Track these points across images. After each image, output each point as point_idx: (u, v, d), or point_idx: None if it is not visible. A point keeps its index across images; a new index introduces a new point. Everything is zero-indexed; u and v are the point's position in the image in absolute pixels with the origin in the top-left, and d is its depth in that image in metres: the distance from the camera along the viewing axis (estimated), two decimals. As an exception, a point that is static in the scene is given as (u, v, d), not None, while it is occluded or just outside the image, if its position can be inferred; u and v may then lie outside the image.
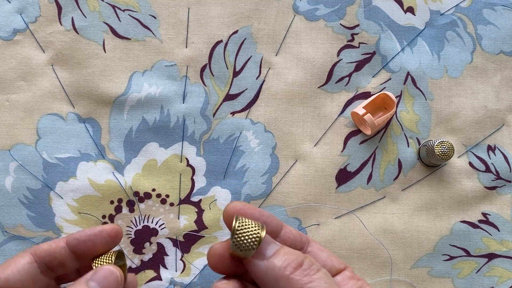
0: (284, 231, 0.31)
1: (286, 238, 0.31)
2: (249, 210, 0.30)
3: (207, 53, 0.47)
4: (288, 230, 0.31)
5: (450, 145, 0.43)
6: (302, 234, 0.32)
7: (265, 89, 0.47)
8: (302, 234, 0.32)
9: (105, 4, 0.47)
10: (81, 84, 0.46)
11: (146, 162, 0.46)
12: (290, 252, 0.28)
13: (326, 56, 0.47)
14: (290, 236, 0.31)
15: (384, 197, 0.46)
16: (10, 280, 0.29)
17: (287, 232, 0.31)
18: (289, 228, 0.31)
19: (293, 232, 0.31)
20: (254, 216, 0.29)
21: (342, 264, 0.31)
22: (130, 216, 0.45)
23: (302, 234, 0.32)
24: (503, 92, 0.47)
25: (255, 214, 0.30)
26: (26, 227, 0.45)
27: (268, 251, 0.28)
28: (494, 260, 0.46)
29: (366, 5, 0.48)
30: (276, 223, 0.31)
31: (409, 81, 0.47)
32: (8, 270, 0.29)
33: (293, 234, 0.31)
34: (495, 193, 0.46)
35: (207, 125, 0.46)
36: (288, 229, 0.31)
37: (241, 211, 0.29)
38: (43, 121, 0.45)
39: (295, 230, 0.32)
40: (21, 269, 0.30)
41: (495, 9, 0.48)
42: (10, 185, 0.45)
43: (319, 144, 0.46)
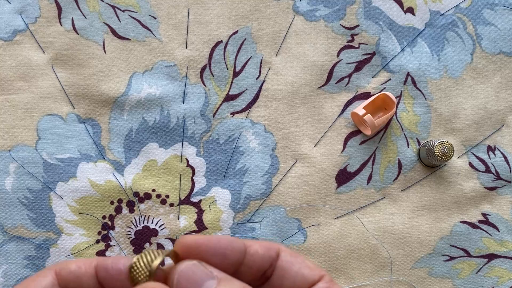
0: (248, 256, 0.27)
1: (251, 263, 0.26)
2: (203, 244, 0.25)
3: (207, 54, 0.47)
4: (252, 252, 0.27)
5: (450, 146, 0.43)
6: (269, 247, 0.27)
7: (265, 90, 0.47)
8: (270, 247, 0.27)
9: (105, 5, 0.47)
10: (81, 85, 0.46)
11: (146, 163, 0.46)
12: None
13: (326, 56, 0.47)
14: (255, 259, 0.27)
15: (384, 198, 0.46)
16: None
17: (251, 255, 0.27)
18: (254, 248, 0.27)
19: (258, 252, 0.27)
20: (210, 249, 0.25)
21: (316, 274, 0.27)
22: (130, 216, 0.45)
23: (269, 247, 0.27)
24: (503, 92, 0.47)
25: (211, 246, 0.25)
26: (26, 228, 0.45)
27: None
28: (494, 260, 0.46)
29: (366, 6, 0.48)
30: (238, 251, 0.26)
31: (409, 81, 0.47)
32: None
33: (259, 255, 0.27)
34: (495, 193, 0.46)
35: (207, 126, 0.46)
36: (252, 250, 0.27)
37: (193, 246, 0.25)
38: (43, 122, 0.45)
39: (261, 247, 0.27)
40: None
41: (495, 10, 0.48)
42: (10, 185, 0.45)
43: (319, 144, 0.46)
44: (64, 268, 0.26)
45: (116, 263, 0.25)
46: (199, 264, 0.24)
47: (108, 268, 0.25)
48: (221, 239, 0.26)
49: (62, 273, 0.26)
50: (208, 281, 0.23)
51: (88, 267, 0.26)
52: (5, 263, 0.44)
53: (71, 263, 0.26)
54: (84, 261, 0.26)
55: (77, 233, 0.45)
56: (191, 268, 0.24)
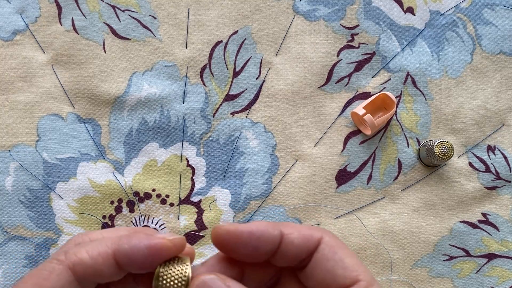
0: (283, 245, 0.25)
1: (286, 252, 0.26)
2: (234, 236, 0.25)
3: (207, 54, 0.47)
4: (288, 242, 0.26)
5: (450, 145, 0.43)
6: (309, 237, 0.26)
7: (265, 89, 0.47)
8: (310, 237, 0.26)
9: (105, 5, 0.47)
10: (81, 85, 0.46)
11: (146, 162, 0.46)
12: None
13: (326, 56, 0.47)
14: (290, 249, 0.26)
15: (384, 197, 0.46)
16: None
17: (286, 245, 0.25)
18: (290, 238, 0.26)
19: (294, 242, 0.25)
20: (241, 242, 0.25)
21: (351, 277, 0.24)
22: (130, 216, 0.45)
23: (309, 237, 0.26)
24: (503, 92, 0.47)
25: (244, 236, 0.25)
26: (27, 227, 0.45)
27: None
28: (494, 260, 0.46)
29: (366, 6, 0.48)
30: (270, 243, 0.25)
31: (409, 81, 0.47)
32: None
33: (294, 245, 0.25)
34: (495, 193, 0.46)
35: (207, 125, 0.46)
36: (288, 240, 0.26)
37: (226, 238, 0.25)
38: (43, 122, 0.45)
39: (299, 236, 0.26)
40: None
41: (495, 10, 0.48)
42: (10, 185, 0.45)
43: (319, 144, 0.46)
44: (78, 263, 0.24)
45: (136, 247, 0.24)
46: (217, 278, 0.24)
47: (130, 255, 0.24)
48: (254, 231, 0.25)
49: (77, 268, 0.24)
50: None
51: (105, 256, 0.24)
52: (5, 263, 0.44)
53: (82, 254, 0.24)
54: (98, 249, 0.24)
55: (77, 233, 0.45)
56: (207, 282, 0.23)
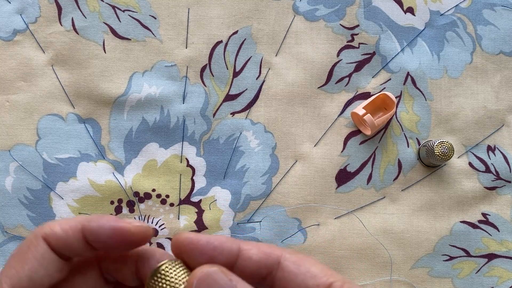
0: (241, 260, 0.25)
1: (243, 268, 0.25)
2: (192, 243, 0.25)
3: (207, 54, 0.47)
4: (246, 257, 0.25)
5: (450, 146, 0.43)
6: (269, 254, 0.25)
7: (265, 90, 0.47)
8: (270, 254, 0.25)
9: (105, 5, 0.47)
10: (81, 85, 0.46)
11: (146, 163, 0.46)
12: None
13: (326, 56, 0.47)
14: (248, 264, 0.25)
15: (384, 198, 0.46)
16: (33, 277, 0.24)
17: (244, 260, 0.25)
18: (249, 253, 0.25)
19: (253, 258, 0.25)
20: (197, 249, 0.25)
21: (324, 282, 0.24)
22: (130, 216, 0.45)
23: (269, 254, 0.25)
24: (502, 92, 0.47)
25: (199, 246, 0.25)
26: (26, 228, 0.45)
27: None
28: (494, 260, 0.46)
29: (366, 6, 0.48)
30: (227, 254, 0.25)
31: (409, 81, 0.47)
32: (27, 265, 0.24)
33: (253, 261, 0.25)
34: (495, 193, 0.46)
35: (207, 126, 0.46)
36: (245, 255, 0.25)
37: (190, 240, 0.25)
38: (43, 122, 0.45)
39: (258, 252, 0.25)
40: (42, 261, 0.24)
41: (495, 10, 0.48)
42: (10, 185, 0.45)
43: (319, 144, 0.46)
44: (50, 234, 0.25)
45: (102, 227, 0.25)
46: (219, 271, 0.24)
47: (96, 233, 0.25)
48: (212, 240, 0.25)
49: (50, 239, 0.25)
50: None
51: (75, 230, 0.25)
52: (5, 263, 0.44)
53: (55, 227, 0.25)
54: (69, 223, 0.25)
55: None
56: (211, 274, 0.23)
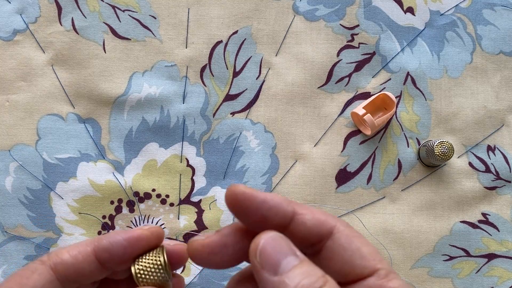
0: (294, 224, 0.25)
1: (295, 232, 0.25)
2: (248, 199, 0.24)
3: (207, 54, 0.47)
4: (300, 221, 0.25)
5: (450, 146, 0.43)
6: (323, 222, 0.25)
7: (265, 89, 0.47)
8: (323, 223, 0.25)
9: (105, 5, 0.47)
10: (81, 85, 0.46)
11: (146, 162, 0.46)
12: (308, 273, 0.22)
13: (326, 56, 0.47)
14: (301, 230, 0.25)
15: (384, 197, 0.46)
16: None
17: (297, 225, 0.25)
18: (304, 218, 0.25)
19: (306, 224, 0.25)
20: (254, 204, 0.24)
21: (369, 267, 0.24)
22: (130, 216, 0.45)
23: (323, 222, 0.25)
24: (502, 92, 0.47)
25: (256, 201, 0.24)
26: (26, 228, 0.45)
27: (283, 266, 0.22)
28: (494, 260, 0.46)
29: (366, 6, 0.48)
30: (281, 217, 0.24)
31: (409, 81, 0.47)
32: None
33: (306, 227, 0.25)
34: (495, 193, 0.46)
35: (207, 125, 0.46)
36: (301, 220, 0.25)
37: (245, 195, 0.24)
38: (43, 122, 0.45)
39: (312, 219, 0.25)
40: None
41: (495, 10, 0.48)
42: (10, 185, 0.45)
43: (319, 144, 0.46)
44: (59, 263, 0.24)
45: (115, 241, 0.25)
46: (285, 238, 0.24)
47: (109, 249, 0.25)
48: (268, 200, 0.24)
49: (59, 268, 0.24)
50: (291, 256, 0.23)
51: (85, 254, 0.25)
52: (5, 263, 0.44)
53: (63, 254, 0.25)
54: (78, 249, 0.25)
55: (77, 232, 0.45)
56: (277, 239, 0.23)
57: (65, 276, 0.24)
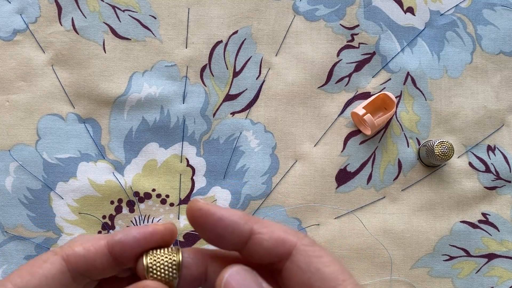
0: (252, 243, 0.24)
1: (253, 252, 0.24)
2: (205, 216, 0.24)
3: (207, 54, 0.47)
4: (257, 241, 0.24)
5: (450, 145, 0.43)
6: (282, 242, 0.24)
7: (265, 89, 0.47)
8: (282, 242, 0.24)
9: (105, 5, 0.47)
10: (81, 85, 0.46)
11: (146, 162, 0.46)
12: None
13: (326, 56, 0.47)
14: (259, 249, 0.24)
15: (384, 197, 0.46)
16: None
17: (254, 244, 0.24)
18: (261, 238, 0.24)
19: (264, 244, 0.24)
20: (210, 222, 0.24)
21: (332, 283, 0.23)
22: (130, 216, 0.45)
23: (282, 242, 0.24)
24: (503, 92, 0.47)
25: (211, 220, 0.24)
26: (26, 227, 0.45)
27: None
28: (494, 260, 0.46)
29: (366, 6, 0.48)
30: (238, 235, 0.23)
31: (409, 81, 0.47)
32: (34, 279, 0.23)
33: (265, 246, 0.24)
34: (495, 193, 0.46)
35: (207, 125, 0.46)
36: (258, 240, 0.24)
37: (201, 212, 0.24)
38: (43, 122, 0.45)
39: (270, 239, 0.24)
40: (51, 280, 0.24)
41: (495, 10, 0.48)
42: (10, 185, 0.45)
43: (319, 144, 0.46)
44: (71, 254, 0.24)
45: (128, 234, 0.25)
46: (251, 271, 0.23)
47: (123, 242, 0.24)
48: (224, 218, 0.24)
49: (71, 258, 0.24)
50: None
51: (98, 246, 0.25)
52: (5, 263, 0.44)
53: (77, 246, 0.25)
54: (91, 241, 0.25)
55: (77, 233, 0.45)
56: (241, 273, 0.23)
57: (77, 267, 0.24)
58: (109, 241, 0.25)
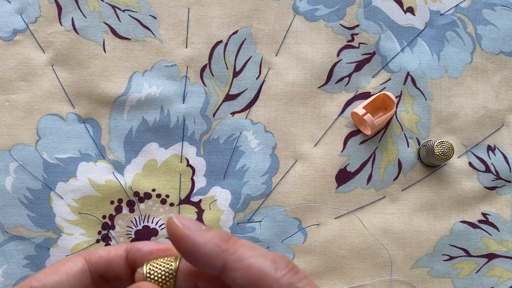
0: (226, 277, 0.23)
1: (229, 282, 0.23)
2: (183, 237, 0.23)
3: (207, 53, 0.47)
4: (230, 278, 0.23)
5: (450, 145, 0.43)
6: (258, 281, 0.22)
7: (265, 89, 0.47)
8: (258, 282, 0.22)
9: (105, 5, 0.47)
10: (81, 85, 0.46)
11: (146, 162, 0.46)
12: None
13: (326, 56, 0.47)
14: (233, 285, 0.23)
15: (384, 197, 0.46)
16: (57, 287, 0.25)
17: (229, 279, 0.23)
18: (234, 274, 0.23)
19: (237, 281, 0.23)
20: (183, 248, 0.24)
21: None
22: (130, 216, 0.45)
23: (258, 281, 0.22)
24: (502, 92, 0.47)
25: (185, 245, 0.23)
26: (26, 227, 0.45)
27: None
28: (494, 260, 0.46)
29: (366, 5, 0.48)
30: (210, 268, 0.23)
31: (409, 81, 0.47)
32: (56, 276, 0.25)
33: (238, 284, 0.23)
34: (495, 193, 0.46)
35: (207, 125, 0.46)
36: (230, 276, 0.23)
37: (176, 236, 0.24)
38: (43, 121, 0.45)
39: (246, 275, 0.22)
40: (72, 277, 0.25)
41: (495, 9, 0.48)
42: (10, 185, 0.45)
43: (319, 144, 0.46)
44: (93, 254, 0.26)
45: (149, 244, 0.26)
46: None
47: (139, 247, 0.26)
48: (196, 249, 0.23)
49: (92, 258, 0.26)
50: None
51: (118, 249, 0.26)
52: (5, 262, 0.44)
53: (100, 250, 0.27)
54: (113, 246, 0.27)
55: (77, 232, 0.45)
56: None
57: (96, 267, 0.26)
58: (129, 246, 0.26)
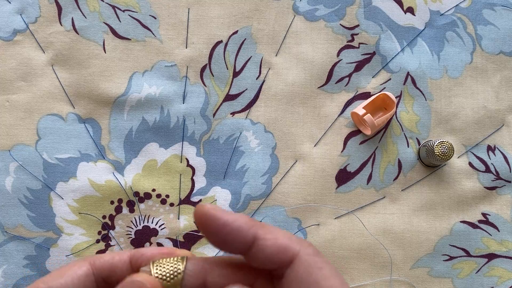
0: (255, 249, 0.24)
1: (256, 257, 0.24)
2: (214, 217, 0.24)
3: (207, 54, 0.47)
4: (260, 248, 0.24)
5: (450, 145, 0.43)
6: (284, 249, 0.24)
7: (265, 90, 0.47)
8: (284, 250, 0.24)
9: (105, 5, 0.47)
10: (81, 85, 0.46)
11: (146, 162, 0.46)
12: None
13: (326, 56, 0.47)
14: (261, 256, 0.24)
15: (384, 197, 0.46)
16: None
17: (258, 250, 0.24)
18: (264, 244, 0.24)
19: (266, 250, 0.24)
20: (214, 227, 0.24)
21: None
22: (130, 216, 0.45)
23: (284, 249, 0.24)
24: (502, 92, 0.47)
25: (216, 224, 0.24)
26: (26, 227, 0.45)
27: None
28: (494, 260, 0.46)
29: (366, 6, 0.48)
30: (241, 241, 0.24)
31: (409, 81, 0.47)
32: (61, 279, 0.26)
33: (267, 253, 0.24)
34: (495, 193, 0.46)
35: (207, 125, 0.46)
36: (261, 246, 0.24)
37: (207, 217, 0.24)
38: (43, 122, 0.45)
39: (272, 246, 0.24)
40: (77, 280, 0.26)
41: (495, 10, 0.48)
42: (10, 185, 0.45)
43: (319, 144, 0.46)
44: (98, 259, 0.27)
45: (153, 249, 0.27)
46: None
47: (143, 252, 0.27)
48: (229, 223, 0.24)
49: (96, 262, 0.27)
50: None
51: (122, 255, 0.27)
52: (5, 263, 0.44)
53: (104, 255, 0.27)
54: (117, 252, 0.28)
55: (77, 232, 0.45)
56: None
57: (101, 271, 0.27)
58: (133, 251, 0.27)
